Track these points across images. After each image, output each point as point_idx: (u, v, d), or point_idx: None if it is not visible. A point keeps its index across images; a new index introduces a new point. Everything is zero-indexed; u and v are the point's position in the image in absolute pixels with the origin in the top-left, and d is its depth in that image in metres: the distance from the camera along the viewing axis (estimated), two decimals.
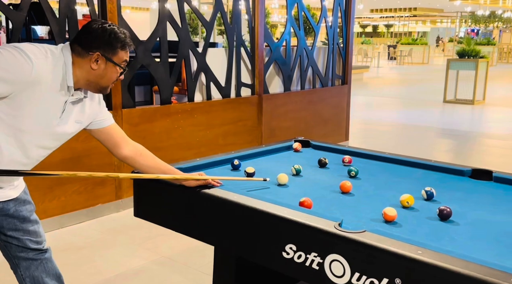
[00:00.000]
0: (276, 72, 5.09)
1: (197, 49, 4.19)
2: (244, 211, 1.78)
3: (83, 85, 1.77)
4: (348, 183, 2.07)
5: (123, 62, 1.78)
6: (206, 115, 4.31)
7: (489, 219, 1.75)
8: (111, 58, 1.73)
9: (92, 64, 1.72)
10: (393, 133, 7.40)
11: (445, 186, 2.14)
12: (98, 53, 1.71)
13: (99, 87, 1.79)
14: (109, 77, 1.76)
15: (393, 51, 26.18)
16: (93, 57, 1.71)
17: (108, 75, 1.76)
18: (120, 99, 3.65)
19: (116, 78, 1.79)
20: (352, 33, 5.92)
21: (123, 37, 1.75)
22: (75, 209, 3.53)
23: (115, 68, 1.76)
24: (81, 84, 1.77)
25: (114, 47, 1.73)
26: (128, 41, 1.78)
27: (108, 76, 1.76)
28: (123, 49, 1.75)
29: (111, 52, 1.72)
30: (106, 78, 1.76)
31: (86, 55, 1.71)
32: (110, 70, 1.75)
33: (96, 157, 3.58)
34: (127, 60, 1.80)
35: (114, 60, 1.74)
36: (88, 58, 1.71)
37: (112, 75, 1.77)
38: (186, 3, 4.00)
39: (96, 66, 1.72)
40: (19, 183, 1.91)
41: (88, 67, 1.72)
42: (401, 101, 11.01)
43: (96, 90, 1.81)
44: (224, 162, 2.50)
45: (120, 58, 1.76)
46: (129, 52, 1.80)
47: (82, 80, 1.75)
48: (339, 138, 5.82)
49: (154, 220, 2.20)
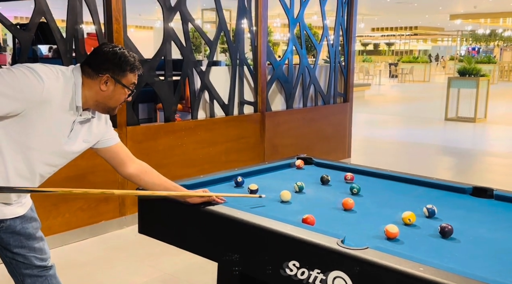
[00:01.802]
0: (278, 90, 5.15)
1: (200, 68, 4.26)
2: (247, 228, 1.80)
3: (91, 106, 1.82)
4: (350, 201, 2.10)
5: (131, 84, 1.84)
6: (209, 133, 4.36)
7: (489, 236, 1.77)
8: (120, 80, 1.79)
9: (102, 86, 1.78)
10: (395, 150, 7.43)
11: (446, 203, 2.16)
12: (107, 75, 1.76)
13: (107, 108, 1.84)
14: (117, 98, 1.82)
15: (394, 69, 26.35)
16: (102, 79, 1.76)
17: (116, 97, 1.81)
18: (124, 117, 3.70)
19: (124, 99, 1.85)
20: (354, 51, 6.00)
21: (132, 60, 1.81)
22: (79, 226, 3.55)
23: (124, 90, 1.81)
24: (89, 105, 1.81)
25: (124, 70, 1.79)
26: (137, 65, 1.84)
27: (116, 97, 1.81)
28: (132, 72, 1.81)
29: (120, 74, 1.78)
30: (114, 100, 1.82)
31: (96, 76, 1.76)
32: (118, 91, 1.80)
33: (100, 174, 3.61)
34: (135, 82, 1.86)
35: (123, 82, 1.79)
36: (98, 80, 1.77)
37: (120, 96, 1.82)
38: (190, 22, 4.08)
39: (105, 87, 1.78)
40: (26, 201, 1.94)
41: (97, 88, 1.78)
42: (402, 118, 11.06)
43: (103, 111, 1.87)
44: (227, 179, 2.52)
45: (128, 81, 1.82)
46: (137, 75, 1.86)
47: (90, 101, 1.80)
48: (341, 155, 5.85)
49: (158, 236, 2.22)
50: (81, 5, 3.39)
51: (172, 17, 3.98)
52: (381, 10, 19.84)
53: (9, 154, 1.71)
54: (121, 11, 3.55)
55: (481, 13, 22.06)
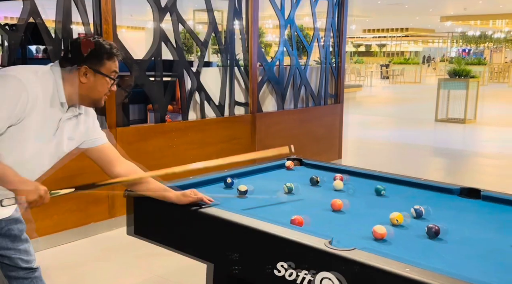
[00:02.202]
0: (269, 91, 5.15)
1: (191, 69, 4.25)
2: (236, 229, 1.80)
3: (76, 101, 1.78)
4: (339, 201, 2.11)
5: (112, 72, 1.78)
6: (200, 134, 4.35)
7: (476, 237, 1.78)
8: (99, 70, 1.74)
9: (81, 78, 1.73)
10: (386, 151, 7.47)
11: (434, 204, 2.17)
12: (85, 66, 1.72)
13: (93, 100, 1.80)
14: (100, 89, 1.77)
15: (385, 71, 26.49)
16: (81, 71, 1.72)
17: (99, 87, 1.76)
18: (114, 118, 3.68)
19: (108, 89, 1.80)
20: (344, 53, 6.03)
21: (108, 47, 1.76)
22: (68, 227, 3.53)
23: (105, 79, 1.76)
24: (74, 100, 1.78)
25: (101, 58, 1.74)
26: (115, 51, 1.78)
27: (98, 88, 1.76)
28: (109, 60, 1.76)
29: (98, 63, 1.73)
30: (97, 91, 1.77)
31: (74, 69, 1.72)
32: (100, 82, 1.75)
33: (89, 176, 3.57)
34: (117, 70, 1.80)
35: (102, 71, 1.74)
36: (76, 73, 1.72)
37: (103, 87, 1.77)
38: (181, 23, 4.08)
39: (85, 79, 1.73)
40: None
41: (77, 81, 1.73)
42: (393, 119, 11.12)
43: (90, 104, 1.83)
44: (218, 180, 2.53)
45: (108, 69, 1.76)
46: (117, 62, 1.80)
47: (74, 95, 1.76)
48: (332, 156, 5.87)
49: (147, 238, 2.22)
50: (70, 5, 3.37)
51: (163, 17, 3.97)
52: (373, 11, 19.95)
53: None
54: (110, 12, 3.54)
55: (471, 15, 22.26)
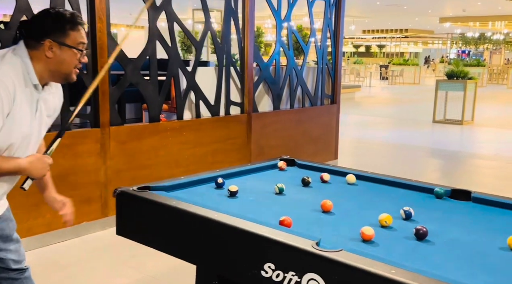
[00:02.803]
0: (265, 91, 5.14)
1: (186, 68, 4.24)
2: (223, 230, 1.79)
3: (48, 78, 1.73)
4: (329, 203, 2.10)
5: (79, 43, 1.70)
6: (195, 133, 4.34)
7: (464, 239, 1.77)
8: (64, 42, 1.67)
9: (47, 53, 1.66)
10: (383, 152, 7.46)
11: (424, 206, 2.17)
12: (49, 40, 1.65)
13: (63, 75, 1.73)
14: (68, 62, 1.70)
15: (384, 71, 26.50)
16: (45, 46, 1.65)
17: (67, 60, 1.69)
18: (108, 117, 3.67)
19: (77, 61, 1.72)
20: (341, 53, 6.02)
21: (70, 17, 1.69)
22: (60, 227, 3.51)
23: (72, 51, 1.69)
24: (46, 78, 1.72)
25: (63, 30, 1.67)
26: (78, 20, 1.71)
27: (67, 61, 1.69)
28: (73, 30, 1.68)
29: (62, 35, 1.66)
30: (66, 64, 1.70)
31: (39, 45, 1.66)
32: (67, 54, 1.68)
33: (82, 175, 3.58)
34: (83, 41, 1.73)
35: (67, 43, 1.67)
36: (42, 48, 1.66)
37: (71, 59, 1.70)
38: (176, 22, 4.06)
39: (51, 54, 1.66)
40: (3, 201, 1.91)
41: (44, 57, 1.66)
42: (391, 120, 11.11)
43: (62, 79, 1.76)
44: (209, 180, 2.51)
45: (73, 40, 1.69)
46: (83, 32, 1.72)
47: (45, 73, 1.70)
48: (328, 157, 5.86)
49: (136, 238, 2.20)
50: (64, 3, 3.35)
51: (158, 16, 3.96)
52: (371, 12, 19.95)
53: None
54: (104, 11, 3.53)
55: (470, 17, 22.27)
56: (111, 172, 3.72)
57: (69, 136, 3.46)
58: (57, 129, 1.96)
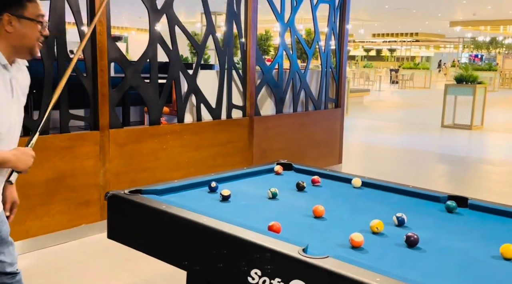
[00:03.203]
0: (268, 95, 5.11)
1: (187, 71, 4.23)
2: (211, 234, 1.76)
3: (14, 55, 1.71)
4: (320, 208, 2.06)
5: (38, 16, 1.70)
6: (196, 136, 4.32)
7: (457, 246, 1.72)
8: (23, 15, 1.65)
9: (7, 28, 1.64)
10: (390, 157, 7.38)
11: (419, 212, 2.12)
12: (7, 14, 1.64)
13: (27, 49, 1.71)
14: (30, 35, 1.68)
15: (395, 75, 26.33)
16: (4, 21, 1.64)
17: (28, 33, 1.68)
18: (107, 119, 3.66)
19: (39, 33, 1.71)
20: (346, 57, 5.97)
21: None
22: (58, 229, 3.51)
23: (32, 23, 1.68)
24: (11, 55, 1.70)
25: (21, 2, 1.65)
26: None
27: (28, 34, 1.68)
28: (31, 2, 1.67)
29: (19, 8, 1.65)
30: (27, 37, 1.68)
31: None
32: (27, 27, 1.67)
33: (80, 177, 3.58)
34: (42, 14, 1.72)
35: (26, 15, 1.66)
36: (1, 24, 1.64)
37: (32, 32, 1.68)
38: (177, 25, 4.06)
39: (11, 28, 1.65)
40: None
41: (5, 33, 1.65)
42: (399, 125, 11.01)
43: (26, 54, 1.73)
44: (202, 184, 2.49)
45: (32, 12, 1.68)
46: (39, 4, 1.71)
47: (9, 50, 1.68)
48: (332, 161, 5.81)
49: (126, 242, 2.18)
50: (64, 6, 3.36)
51: (159, 19, 3.96)
52: (380, 16, 19.85)
53: None
54: (104, 14, 3.53)
55: (481, 20, 22.04)
56: (110, 175, 3.71)
57: (68, 138, 3.47)
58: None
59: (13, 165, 1.72)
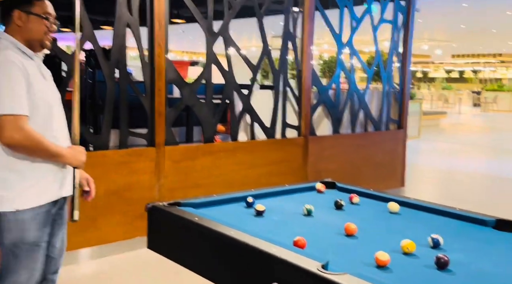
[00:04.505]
0: (325, 115, 5.08)
1: (241, 91, 4.33)
2: (236, 246, 1.78)
3: (29, 48, 1.91)
4: (352, 226, 2.00)
5: (45, 13, 1.91)
6: (250, 155, 4.38)
7: (491, 271, 1.59)
8: (30, 11, 1.88)
9: (17, 22, 1.87)
10: (464, 183, 6.92)
11: (461, 235, 1.99)
12: (17, 10, 1.87)
13: (38, 42, 1.92)
14: (37, 29, 1.90)
15: (476, 98, 24.90)
16: (15, 16, 1.87)
17: (36, 28, 1.89)
18: (163, 137, 3.84)
19: (46, 28, 1.91)
20: (409, 77, 5.78)
21: None
22: (115, 240, 3.70)
23: (38, 19, 1.89)
24: (29, 46, 1.90)
25: (29, 0, 1.88)
26: None
27: (36, 28, 1.89)
28: (38, 0, 1.90)
29: (27, 5, 1.88)
30: (35, 31, 1.89)
31: (10, 18, 1.88)
32: (34, 22, 1.89)
33: (137, 191, 3.76)
34: (50, 12, 1.93)
35: (33, 11, 1.88)
36: (13, 21, 1.87)
37: (39, 27, 1.90)
38: (233, 47, 4.20)
39: (21, 22, 1.87)
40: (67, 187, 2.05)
41: (17, 27, 1.88)
42: (479, 149, 10.32)
43: (38, 47, 1.93)
44: (241, 199, 2.51)
45: (39, 10, 1.90)
46: (48, 3, 1.93)
47: (25, 43, 1.89)
48: (393, 184, 5.59)
49: (163, 253, 2.26)
50: (125, 32, 3.62)
51: (214, 41, 4.11)
52: (457, 36, 18.95)
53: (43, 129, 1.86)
54: (163, 37, 3.75)
55: None
56: (164, 190, 3.86)
57: (126, 154, 3.68)
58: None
59: (68, 161, 1.94)
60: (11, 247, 1.87)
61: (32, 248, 1.90)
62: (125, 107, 3.69)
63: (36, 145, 1.81)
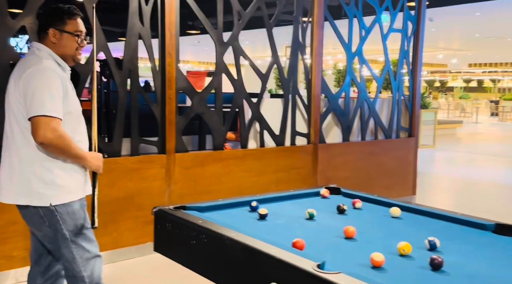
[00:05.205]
0: (335, 123, 5.11)
1: (251, 99, 4.40)
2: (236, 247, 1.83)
3: (61, 61, 2.13)
4: (351, 229, 2.04)
5: (77, 31, 2.12)
6: (259, 162, 4.44)
7: (485, 273, 1.62)
8: (63, 29, 2.10)
9: (52, 39, 2.10)
10: (475, 191, 6.85)
11: (459, 238, 2.01)
12: (51, 28, 2.09)
13: (70, 57, 2.15)
14: (69, 45, 2.12)
15: (494, 107, 24.56)
16: (50, 34, 2.10)
17: (68, 44, 2.12)
18: (173, 144, 3.93)
19: (78, 45, 2.14)
20: (419, 85, 5.79)
21: (66, 9, 2.11)
22: (125, 245, 3.78)
23: (70, 36, 2.11)
24: (63, 60, 2.13)
25: (62, 19, 2.10)
26: (73, 11, 2.13)
27: (68, 45, 2.12)
28: (70, 19, 2.11)
29: (61, 24, 2.10)
30: (68, 47, 2.12)
31: (46, 35, 2.10)
32: (67, 39, 2.11)
33: (148, 197, 3.85)
34: (81, 29, 2.14)
35: (66, 29, 2.10)
36: (48, 37, 2.10)
37: (71, 43, 2.12)
38: (242, 56, 4.28)
39: (55, 39, 2.10)
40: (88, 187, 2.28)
41: (52, 44, 2.10)
42: (495, 158, 10.18)
43: (70, 60, 2.16)
44: (245, 203, 2.57)
45: (72, 28, 2.11)
46: (80, 21, 2.13)
47: (59, 57, 2.11)
48: (404, 192, 5.57)
49: (168, 255, 2.32)
50: (137, 42, 3.74)
51: (224, 51, 4.21)
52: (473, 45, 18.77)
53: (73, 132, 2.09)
54: (174, 46, 3.85)
55: None
56: (175, 196, 3.94)
57: (137, 160, 3.77)
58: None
59: (88, 164, 2.15)
60: (71, 237, 2.14)
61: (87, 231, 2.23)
62: (136, 116, 3.79)
63: (66, 146, 2.01)
